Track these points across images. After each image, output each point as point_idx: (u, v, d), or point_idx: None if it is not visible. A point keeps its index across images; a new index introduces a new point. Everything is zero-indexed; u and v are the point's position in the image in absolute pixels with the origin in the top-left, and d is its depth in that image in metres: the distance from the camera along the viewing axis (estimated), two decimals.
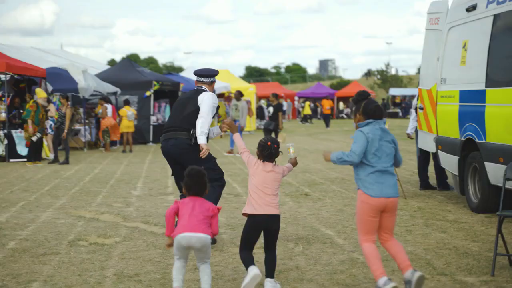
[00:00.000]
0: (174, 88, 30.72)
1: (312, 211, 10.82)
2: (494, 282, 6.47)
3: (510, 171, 7.10)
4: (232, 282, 6.70)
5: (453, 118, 11.04)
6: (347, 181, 14.85)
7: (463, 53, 10.93)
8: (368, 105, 6.03)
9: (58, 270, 7.24)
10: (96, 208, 11.46)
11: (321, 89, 63.46)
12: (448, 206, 11.12)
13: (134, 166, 19.17)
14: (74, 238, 8.90)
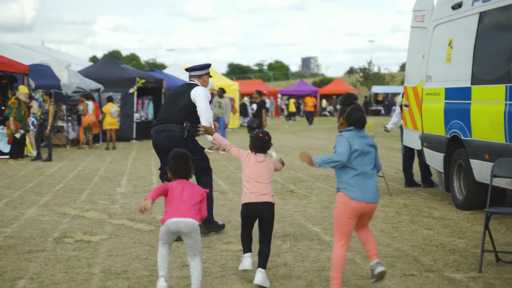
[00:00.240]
0: (157, 85, 30.63)
1: (298, 208, 10.82)
2: (482, 279, 6.49)
3: (498, 168, 7.13)
4: (220, 279, 6.68)
5: (439, 116, 11.07)
6: (332, 178, 14.86)
7: (449, 51, 10.96)
8: (353, 113, 6.01)
9: (45, 268, 7.18)
10: (80, 205, 11.39)
11: (304, 86, 63.53)
12: (433, 203, 11.16)
13: (118, 163, 19.09)
14: (59, 235, 8.83)
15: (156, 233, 8.94)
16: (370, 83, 74.79)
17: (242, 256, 6.71)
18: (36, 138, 20.76)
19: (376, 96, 65.17)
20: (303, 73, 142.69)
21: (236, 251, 7.86)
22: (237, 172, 16.15)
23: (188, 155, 6.17)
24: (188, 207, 5.91)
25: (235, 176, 15.46)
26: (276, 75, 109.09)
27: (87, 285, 6.51)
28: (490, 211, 6.87)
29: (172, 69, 37.59)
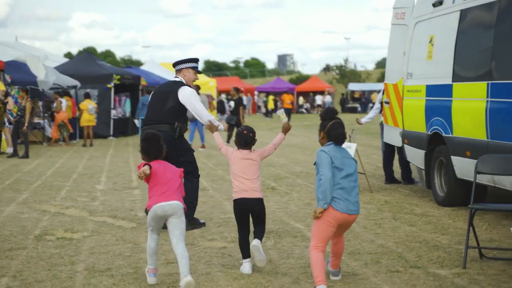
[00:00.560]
0: (134, 81, 30.46)
1: (280, 205, 10.81)
2: (467, 275, 6.52)
3: (481, 165, 7.16)
4: (206, 276, 6.64)
5: (420, 113, 11.11)
6: (312, 175, 14.87)
7: (430, 48, 11.01)
8: (332, 130, 6.10)
9: (27, 265, 7.10)
10: (60, 202, 11.29)
11: (280, 83, 63.56)
12: (414, 200, 11.20)
13: (96, 160, 18.96)
14: (40, 233, 8.74)
15: (138, 231, 8.91)
16: (346, 80, 74.94)
17: (242, 260, 6.83)
18: (13, 135, 20.56)
19: (352, 93, 65.36)
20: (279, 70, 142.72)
21: (220, 248, 7.83)
22: (216, 169, 16.11)
23: (159, 136, 6.29)
24: (172, 192, 6.13)
25: (215, 173, 15.42)
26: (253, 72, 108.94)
27: (71, 283, 6.44)
28: (474, 207, 6.90)
29: (149, 66, 37.42)
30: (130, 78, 30.13)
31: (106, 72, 28.84)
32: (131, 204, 11.08)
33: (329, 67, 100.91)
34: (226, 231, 8.81)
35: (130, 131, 30.10)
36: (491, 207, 7.08)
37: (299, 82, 73.72)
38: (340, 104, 63.46)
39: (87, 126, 24.08)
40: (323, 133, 6.20)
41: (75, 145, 24.52)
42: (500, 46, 9.03)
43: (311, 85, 64.52)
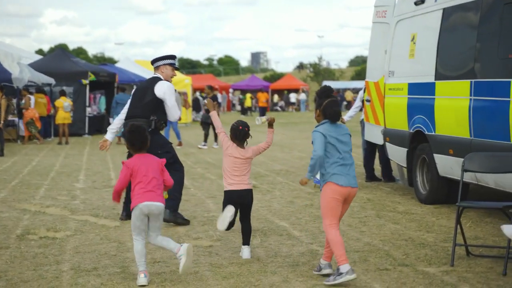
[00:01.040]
0: (110, 79, 30.24)
1: (263, 203, 10.78)
2: (455, 272, 6.53)
3: (468, 163, 7.18)
4: (194, 275, 6.59)
5: (402, 111, 11.14)
6: (292, 173, 14.86)
7: (412, 46, 11.03)
8: (328, 108, 6.37)
9: (11, 265, 7.00)
10: (40, 201, 11.16)
11: (255, 81, 63.46)
12: (396, 198, 11.23)
13: (73, 158, 18.79)
14: (22, 232, 8.63)
15: (122, 229, 8.83)
16: (320, 78, 75.07)
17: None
18: None
19: None
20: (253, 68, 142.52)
21: (207, 247, 7.79)
22: (195, 167, 16.04)
23: (144, 128, 6.54)
24: (155, 189, 6.32)
25: (195, 171, 15.35)
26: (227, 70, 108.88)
27: (57, 283, 6.36)
28: (462, 205, 6.92)
29: (124, 63, 37.14)
30: (106, 75, 29.90)
31: (81, 69, 28.60)
32: (112, 202, 10.93)
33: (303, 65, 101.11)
34: (211, 229, 8.76)
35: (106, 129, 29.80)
36: (478, 205, 7.12)
37: (273, 80, 73.72)
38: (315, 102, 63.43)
39: (62, 123, 23.83)
40: (319, 110, 6.43)
41: (50, 143, 24.27)
42: (483, 44, 9.08)
43: (286, 83, 64.53)
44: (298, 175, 14.49)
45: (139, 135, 6.45)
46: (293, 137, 26.66)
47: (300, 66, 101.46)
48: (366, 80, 13.05)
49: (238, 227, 7.42)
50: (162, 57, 9.22)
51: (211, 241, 8.12)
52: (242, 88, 62.10)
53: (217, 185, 12.93)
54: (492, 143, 8.61)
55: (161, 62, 9.16)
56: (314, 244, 7.84)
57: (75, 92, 27.68)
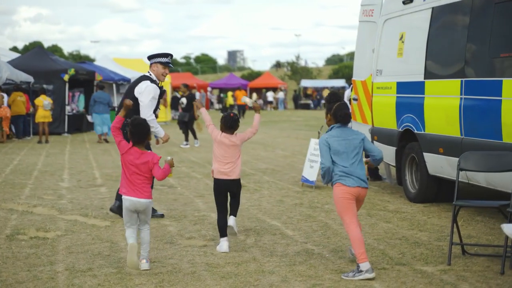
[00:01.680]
0: (89, 77, 30.01)
1: (252, 202, 10.74)
2: (453, 271, 6.54)
3: (464, 162, 7.20)
4: (192, 275, 6.53)
5: (390, 109, 11.15)
6: (278, 172, 14.84)
7: (400, 45, 11.04)
8: (338, 111, 6.68)
9: (4, 266, 6.90)
10: (26, 200, 11.02)
11: (233, 80, 63.30)
12: (385, 196, 11.24)
13: (55, 157, 18.61)
14: (11, 232, 8.52)
15: (113, 229, 8.76)
16: (298, 77, 75.18)
17: (220, 239, 7.55)
18: None
19: (305, 90, 65.54)
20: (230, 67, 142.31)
21: (201, 246, 7.73)
22: (180, 166, 15.95)
23: (145, 123, 6.85)
24: (141, 185, 6.70)
25: (180, 170, 15.26)
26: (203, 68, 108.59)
27: (53, 284, 6.28)
28: (459, 204, 6.94)
29: (102, 61, 36.87)
30: (85, 73, 29.67)
31: (60, 67, 28.33)
32: (100, 202, 10.88)
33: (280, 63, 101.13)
34: (203, 229, 8.71)
35: (85, 127, 29.68)
36: (474, 204, 7.14)
37: (251, 79, 73.63)
38: (293, 100, 63.59)
39: (42, 122, 23.57)
40: (329, 115, 6.74)
41: (29, 142, 24.01)
42: (474, 43, 9.10)
43: (264, 81, 64.45)
44: (284, 174, 14.48)
45: (140, 129, 6.77)
46: (275, 136, 26.64)
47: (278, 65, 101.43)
48: (353, 79, 13.05)
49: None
50: (153, 55, 9.32)
51: (205, 240, 8.07)
52: (220, 87, 61.95)
53: (203, 184, 12.86)
54: (484, 142, 8.64)
55: (152, 60, 9.30)
56: (309, 244, 7.82)
57: (55, 91, 27.41)
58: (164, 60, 9.24)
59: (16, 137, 25.05)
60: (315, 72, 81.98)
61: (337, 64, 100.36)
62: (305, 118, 43.34)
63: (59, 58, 32.06)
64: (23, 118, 25.21)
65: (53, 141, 24.34)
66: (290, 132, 29.20)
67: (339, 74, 79.96)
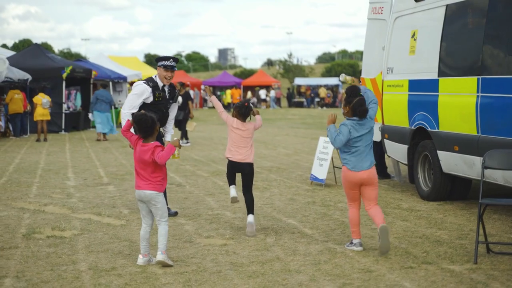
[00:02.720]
0: (86, 75, 29.86)
1: (265, 201, 10.68)
2: (481, 270, 6.50)
3: (489, 160, 7.16)
4: (218, 274, 6.47)
5: (402, 107, 11.11)
6: (284, 170, 14.79)
7: (412, 43, 11.00)
8: (358, 106, 7.25)
9: (26, 265, 6.82)
10: (35, 199, 10.93)
11: (227, 78, 63.15)
12: (396, 194, 11.21)
13: (56, 155, 18.49)
14: (27, 231, 8.43)
15: (129, 228, 8.71)
16: (291, 75, 75.11)
17: (229, 187, 8.50)
18: None
19: (299, 88, 65.48)
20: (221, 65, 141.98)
21: (221, 245, 7.67)
22: (184, 165, 15.88)
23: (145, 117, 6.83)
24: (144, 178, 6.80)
25: (184, 168, 15.20)
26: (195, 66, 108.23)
27: (79, 283, 6.21)
28: (485, 202, 6.89)
29: (98, 59, 36.68)
30: (82, 71, 29.53)
31: (57, 65, 28.18)
32: (111, 200, 10.80)
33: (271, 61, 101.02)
34: (220, 227, 8.65)
35: (82, 126, 29.55)
36: (501, 202, 7.07)
37: (244, 77, 73.52)
38: (287, 98, 63.51)
39: (41, 120, 23.43)
40: (348, 107, 7.29)
41: (27, 140, 23.86)
42: (491, 41, 9.07)
43: (258, 79, 64.29)
44: (291, 172, 14.43)
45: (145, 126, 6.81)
46: (274, 134, 26.57)
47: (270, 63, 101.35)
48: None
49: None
50: (157, 58, 9.60)
51: (224, 239, 8.00)
52: (214, 85, 61.74)
53: (211, 183, 12.79)
54: (502, 140, 8.60)
55: (157, 63, 9.54)
56: (330, 242, 7.77)
57: (53, 89, 27.23)
58: (165, 63, 9.43)
59: (13, 135, 24.91)
60: (307, 70, 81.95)
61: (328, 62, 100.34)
62: (301, 116, 43.32)
63: (55, 56, 31.87)
64: (20, 116, 25.06)
65: (51, 139, 24.21)
66: (289, 130, 29.15)
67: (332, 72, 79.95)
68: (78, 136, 26.06)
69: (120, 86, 33.99)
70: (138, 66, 39.77)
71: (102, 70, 32.73)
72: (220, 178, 13.21)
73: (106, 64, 35.21)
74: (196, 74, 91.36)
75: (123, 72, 34.67)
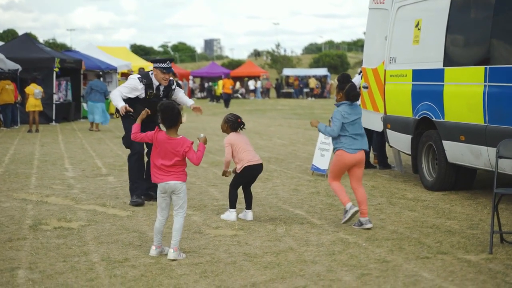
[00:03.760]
0: (76, 66, 29.65)
1: (268, 191, 10.63)
2: (497, 260, 6.47)
3: (503, 149, 7.12)
4: (233, 265, 6.41)
5: (405, 97, 11.07)
6: (283, 160, 14.74)
7: (416, 32, 10.96)
8: (351, 91, 7.94)
9: (37, 257, 6.73)
10: (36, 190, 10.81)
11: (216, 68, 62.93)
12: (399, 185, 11.18)
13: (50, 146, 18.33)
14: (33, 222, 8.33)
15: (136, 219, 8.65)
16: (278, 66, 75.07)
17: (229, 210, 8.52)
18: None
19: (287, 78, 65.43)
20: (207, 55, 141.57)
21: (232, 236, 7.61)
22: None
23: (173, 106, 6.83)
24: (167, 171, 6.74)
25: None
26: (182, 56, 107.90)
27: (94, 275, 6.13)
28: (500, 192, 6.86)
29: (88, 50, 36.40)
30: (72, 62, 29.31)
31: (48, 55, 27.95)
32: (113, 191, 10.71)
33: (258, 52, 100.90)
34: None
35: (73, 116, 29.35)
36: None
37: (231, 67, 73.35)
38: (275, 89, 63.43)
39: (33, 111, 23.23)
40: (341, 93, 7.95)
41: (19, 131, 23.65)
42: (499, 29, 9.02)
43: (246, 70, 64.16)
44: (289, 162, 14.38)
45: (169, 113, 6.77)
46: (267, 125, 26.48)
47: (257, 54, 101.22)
48: (363, 66, 12.94)
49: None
50: (154, 60, 9.74)
51: (234, 230, 7.94)
52: (202, 75, 61.59)
53: (212, 173, 12.72)
54: (510, 129, 8.57)
55: (153, 65, 9.61)
56: (341, 233, 7.72)
57: (44, 80, 26.99)
58: (162, 66, 9.50)
59: (4, 126, 24.69)
60: (295, 61, 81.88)
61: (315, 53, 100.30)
62: (291, 107, 43.27)
63: (45, 46, 31.58)
64: (11, 107, 24.84)
65: (43, 130, 24.02)
66: (281, 121, 29.08)
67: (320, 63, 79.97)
68: (69, 127, 25.89)
69: (110, 77, 33.80)
70: (128, 56, 39.54)
71: (92, 60, 32.53)
72: (220, 169, 13.10)
73: (96, 55, 34.98)
74: (183, 65, 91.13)
75: (113, 62, 34.47)
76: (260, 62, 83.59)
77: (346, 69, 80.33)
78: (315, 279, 5.92)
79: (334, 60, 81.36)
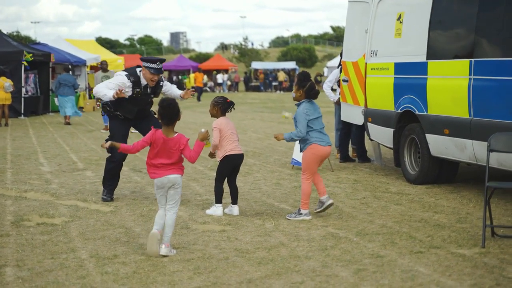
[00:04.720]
0: (45, 59, 29.21)
1: (251, 186, 10.53)
2: (491, 254, 6.43)
3: (495, 143, 7.10)
4: (225, 261, 6.30)
5: (387, 91, 11.03)
6: (261, 154, 14.64)
7: (398, 26, 10.91)
8: (310, 89, 8.08)
9: (24, 254, 6.56)
10: (14, 185, 10.58)
11: (184, 62, 62.62)
12: (381, 178, 11.15)
13: (22, 140, 18.03)
14: (15, 219, 8.14)
15: (120, 214, 8.55)
16: (247, 59, 74.94)
17: (215, 205, 8.43)
18: None
19: (256, 72, 65.32)
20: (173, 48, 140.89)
21: (221, 231, 7.50)
22: None
23: (174, 104, 6.70)
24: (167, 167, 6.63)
25: None
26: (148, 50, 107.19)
27: (85, 272, 5.98)
28: (493, 185, 6.84)
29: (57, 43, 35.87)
30: (40, 55, 28.87)
31: (16, 48, 27.50)
32: (93, 186, 10.53)
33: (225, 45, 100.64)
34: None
35: (41, 110, 28.92)
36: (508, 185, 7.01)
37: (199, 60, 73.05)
38: (244, 82, 63.31)
39: (3, 104, 22.84)
40: (302, 91, 8.07)
41: None
42: (484, 22, 8.99)
43: (215, 63, 63.99)
44: (268, 156, 14.29)
45: (169, 110, 6.65)
46: (239, 118, 26.29)
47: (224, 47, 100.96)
48: (343, 60, 12.88)
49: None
50: (145, 59, 9.28)
51: (221, 225, 7.84)
52: (170, 69, 61.19)
53: (191, 168, 12.57)
54: (495, 123, 8.56)
55: (143, 63, 9.25)
56: (330, 227, 7.65)
57: (11, 72, 26.52)
58: (152, 67, 9.13)
59: None
60: (263, 54, 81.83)
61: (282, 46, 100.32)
62: (261, 100, 43.19)
63: (12, 39, 31.02)
64: None
65: (12, 124, 23.61)
66: (254, 115, 28.96)
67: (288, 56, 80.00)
68: (38, 121, 25.51)
69: (79, 70, 33.40)
70: (96, 49, 39.09)
71: (61, 53, 32.11)
72: (199, 163, 12.97)
73: (64, 48, 34.52)
74: None
75: (82, 55, 34.05)
76: (228, 55, 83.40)
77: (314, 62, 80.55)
78: (311, 275, 5.84)
79: (302, 54, 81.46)
